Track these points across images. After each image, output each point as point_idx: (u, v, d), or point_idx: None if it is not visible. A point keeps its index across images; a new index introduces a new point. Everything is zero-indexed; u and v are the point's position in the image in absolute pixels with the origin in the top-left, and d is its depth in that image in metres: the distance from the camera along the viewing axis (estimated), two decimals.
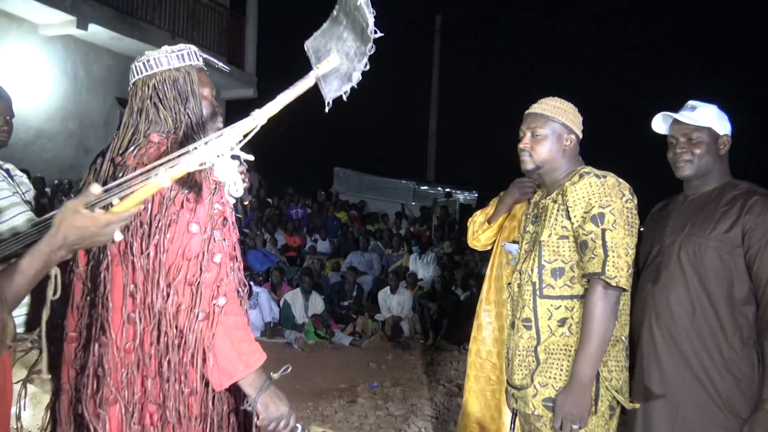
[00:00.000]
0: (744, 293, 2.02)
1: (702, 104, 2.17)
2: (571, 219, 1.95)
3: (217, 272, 1.51)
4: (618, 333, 1.97)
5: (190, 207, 1.51)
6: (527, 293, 2.03)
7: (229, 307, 1.51)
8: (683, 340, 2.06)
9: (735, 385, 2.00)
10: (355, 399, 5.32)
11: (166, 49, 1.70)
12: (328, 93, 1.37)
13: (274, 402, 1.53)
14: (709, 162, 2.14)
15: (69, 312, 1.66)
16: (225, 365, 1.49)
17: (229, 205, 1.63)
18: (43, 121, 9.75)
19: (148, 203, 1.50)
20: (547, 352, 1.98)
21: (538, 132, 2.06)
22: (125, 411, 1.52)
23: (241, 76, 13.08)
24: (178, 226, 1.50)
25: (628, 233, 1.91)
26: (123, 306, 1.52)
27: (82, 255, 1.64)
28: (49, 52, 10.18)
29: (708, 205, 2.12)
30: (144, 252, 1.50)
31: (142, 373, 1.53)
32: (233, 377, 1.49)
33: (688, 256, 2.07)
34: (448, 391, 5.69)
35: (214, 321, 1.48)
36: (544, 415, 1.97)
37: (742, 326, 2.01)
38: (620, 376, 1.99)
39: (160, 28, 11.13)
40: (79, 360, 1.61)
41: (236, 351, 1.49)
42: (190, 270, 1.48)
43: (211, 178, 1.55)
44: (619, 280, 1.86)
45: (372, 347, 7.61)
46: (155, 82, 1.67)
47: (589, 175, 1.96)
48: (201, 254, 1.49)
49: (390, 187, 16.40)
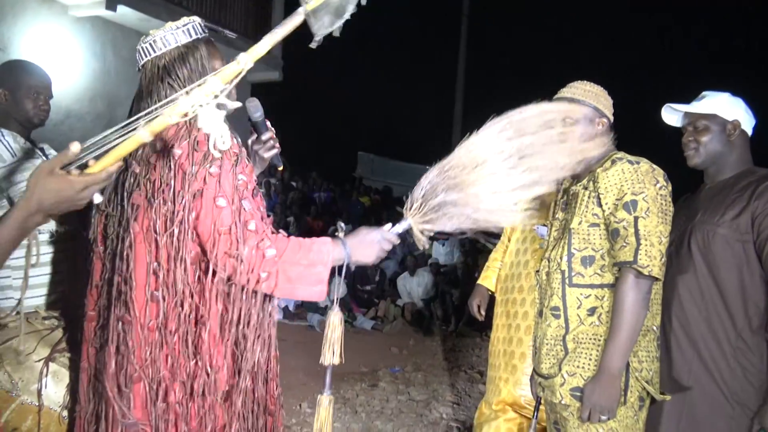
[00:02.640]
0: (754, 281, 1.98)
1: (713, 93, 2.15)
2: (603, 206, 1.90)
3: (253, 237, 1.52)
4: (649, 323, 1.93)
5: (213, 181, 1.50)
6: (556, 281, 2.00)
7: (281, 254, 1.54)
8: (693, 329, 2.04)
9: (744, 376, 1.97)
10: (377, 383, 5.34)
11: (170, 26, 1.65)
12: (318, 29, 1.32)
13: (361, 252, 1.65)
14: (718, 149, 2.11)
15: (88, 291, 1.66)
16: (310, 286, 1.57)
17: (253, 174, 1.61)
18: (72, 101, 9.87)
19: (171, 179, 1.49)
20: (575, 342, 1.95)
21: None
22: (149, 388, 1.52)
23: (266, 58, 13.01)
24: (205, 201, 1.49)
25: (662, 221, 1.86)
26: (147, 284, 1.52)
27: (101, 233, 1.63)
28: (78, 33, 10.28)
29: (721, 193, 2.09)
30: (168, 230, 1.49)
31: (165, 350, 1.53)
32: (322, 281, 1.58)
33: (698, 243, 2.05)
34: (470, 377, 5.69)
35: (276, 277, 1.52)
36: (571, 405, 1.94)
37: (752, 316, 1.98)
38: (651, 366, 1.94)
39: (187, 9, 11.15)
40: (99, 338, 1.61)
41: (307, 272, 1.56)
42: (225, 243, 1.49)
43: (232, 150, 1.53)
44: (652, 270, 1.81)
45: (394, 332, 7.62)
46: (165, 62, 1.63)
47: (621, 161, 1.91)
48: (234, 225, 1.49)
49: (415, 172, 16.25)
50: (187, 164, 1.50)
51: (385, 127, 19.76)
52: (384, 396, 4.99)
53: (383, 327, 7.74)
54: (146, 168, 1.55)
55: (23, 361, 1.86)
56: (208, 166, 1.50)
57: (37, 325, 1.97)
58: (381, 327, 7.73)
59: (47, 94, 2.29)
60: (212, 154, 1.44)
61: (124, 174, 1.59)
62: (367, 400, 4.88)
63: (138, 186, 1.55)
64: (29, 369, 1.86)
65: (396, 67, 20.59)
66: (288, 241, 1.57)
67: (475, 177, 1.62)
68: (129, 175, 1.57)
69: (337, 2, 1.29)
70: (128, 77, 10.96)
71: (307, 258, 1.56)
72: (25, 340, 1.86)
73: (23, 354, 1.86)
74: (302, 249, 1.57)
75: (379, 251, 1.68)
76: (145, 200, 1.53)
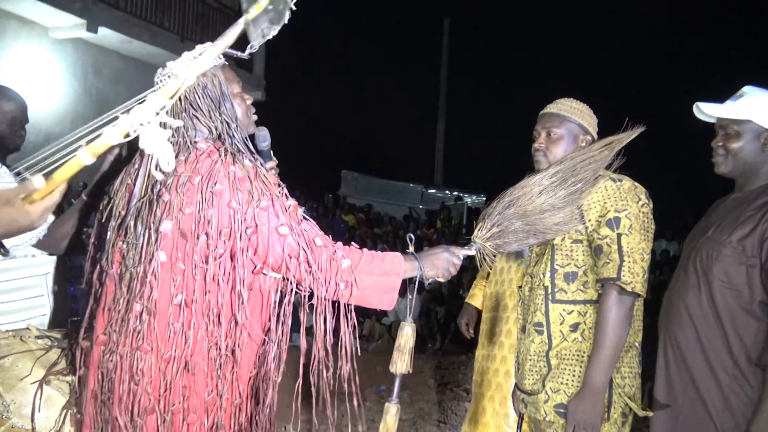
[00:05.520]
0: (754, 308, 1.84)
1: (753, 91, 1.95)
2: (586, 223, 1.92)
3: (325, 251, 1.59)
4: (631, 339, 1.94)
5: (266, 215, 1.53)
6: (539, 297, 2.01)
7: (356, 265, 1.61)
8: (689, 352, 1.94)
9: (736, 407, 1.85)
10: (362, 402, 5.29)
11: (186, 56, 1.62)
12: (256, 37, 1.36)
13: (432, 265, 1.74)
14: (749, 159, 1.93)
15: (100, 313, 1.61)
16: (383, 294, 1.66)
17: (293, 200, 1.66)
18: (52, 124, 9.80)
19: (212, 217, 1.50)
20: (559, 358, 1.95)
21: (554, 132, 2.03)
22: (163, 421, 1.50)
23: (249, 79, 13.10)
24: (265, 235, 1.53)
25: (644, 238, 1.88)
26: (169, 315, 1.50)
27: (118, 256, 1.60)
28: (59, 54, 10.24)
29: (738, 208, 1.94)
30: (210, 263, 1.50)
31: (184, 382, 1.51)
32: (395, 289, 1.67)
33: (702, 262, 1.93)
34: (456, 395, 5.66)
35: (351, 283, 1.59)
36: (555, 422, 1.94)
37: (749, 344, 1.84)
38: (633, 382, 1.96)
39: (169, 31, 11.16)
40: (108, 363, 1.57)
41: (380, 281, 1.64)
42: (299, 264, 1.54)
43: (273, 180, 1.58)
44: (635, 286, 1.83)
45: (379, 351, 7.57)
46: (185, 94, 1.61)
47: (604, 178, 1.94)
48: (302, 248, 1.54)
49: (398, 191, 16.40)
50: (234, 203, 1.51)
51: (369, 145, 19.84)
52: (370, 416, 4.94)
53: (368, 346, 7.69)
54: (180, 199, 1.51)
55: (15, 383, 1.81)
56: (256, 203, 1.52)
57: (31, 345, 1.92)
58: (366, 346, 7.69)
59: (23, 119, 2.28)
60: (258, 191, 1.50)
61: (150, 201, 1.55)
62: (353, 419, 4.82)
63: (169, 216, 1.51)
64: (22, 391, 1.81)
65: (378, 85, 20.74)
66: (362, 253, 1.64)
67: (531, 194, 1.93)
68: (158, 203, 1.53)
69: (274, 11, 1.33)
70: (109, 99, 10.91)
71: (380, 268, 1.65)
72: (19, 360, 1.81)
73: (14, 376, 1.82)
74: (375, 259, 1.65)
75: (451, 268, 1.79)
76: (177, 232, 1.51)
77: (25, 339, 1.92)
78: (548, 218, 1.92)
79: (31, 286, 2.23)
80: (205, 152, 1.56)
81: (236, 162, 1.54)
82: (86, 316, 1.64)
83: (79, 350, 1.64)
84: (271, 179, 1.58)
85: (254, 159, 1.60)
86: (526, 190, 1.94)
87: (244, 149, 1.61)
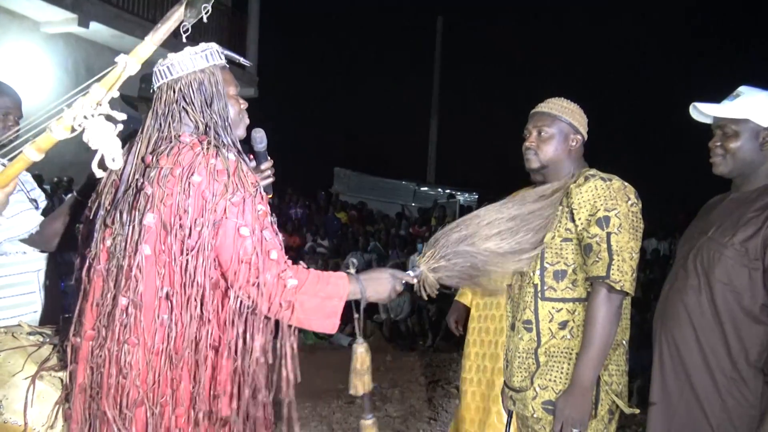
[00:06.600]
0: (755, 311, 1.83)
1: (750, 91, 1.95)
2: (576, 221, 1.93)
3: (276, 267, 1.56)
4: (619, 337, 1.96)
5: (235, 211, 1.53)
6: (528, 295, 2.02)
7: (301, 286, 1.58)
8: (686, 352, 1.94)
9: (733, 410, 1.85)
10: (354, 400, 5.29)
11: (189, 50, 1.66)
12: (189, 18, 1.39)
13: (374, 290, 1.73)
14: (747, 158, 1.92)
15: (88, 308, 1.63)
16: (324, 318, 1.64)
17: (267, 204, 1.65)
18: (43, 120, 9.75)
19: (189, 206, 1.51)
20: (547, 355, 1.97)
21: (545, 131, 2.04)
22: (152, 413, 1.52)
23: (242, 75, 13.07)
24: (227, 231, 1.52)
25: (633, 237, 1.89)
26: (155, 307, 1.52)
27: (105, 251, 1.61)
28: (50, 49, 10.19)
29: (740, 208, 1.92)
30: (184, 255, 1.50)
31: (171, 375, 1.53)
32: (336, 314, 1.66)
33: (702, 263, 1.92)
34: (447, 392, 5.68)
35: (293, 305, 1.57)
36: (543, 418, 1.95)
37: (749, 347, 1.84)
38: (620, 380, 1.97)
39: None
40: (97, 358, 1.59)
41: (323, 305, 1.62)
42: (247, 272, 1.52)
43: (251, 180, 1.58)
44: (624, 284, 1.85)
45: (371, 348, 7.59)
46: (180, 86, 1.64)
47: (594, 177, 1.95)
48: (256, 254, 1.52)
49: (390, 188, 16.41)
50: (207, 193, 1.51)
51: (362, 143, 19.85)
52: (361, 413, 4.96)
53: None
54: (161, 192, 1.53)
55: (7, 379, 1.81)
56: (230, 196, 1.52)
57: (23, 341, 1.92)
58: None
59: (17, 114, 2.26)
60: (233, 185, 1.50)
61: (135, 194, 1.57)
62: (344, 417, 4.84)
63: (151, 208, 1.53)
64: (14, 387, 1.80)
65: (372, 83, 20.75)
66: (308, 273, 1.62)
67: (485, 233, 1.92)
68: (141, 196, 1.55)
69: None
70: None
71: (324, 291, 1.62)
72: (11, 356, 1.81)
73: (6, 372, 1.81)
74: (320, 282, 1.62)
75: (392, 291, 1.77)
76: (160, 224, 1.53)
77: (17, 335, 1.91)
78: (496, 260, 1.92)
79: (23, 283, 2.22)
80: (188, 145, 1.58)
81: (219, 155, 1.55)
82: (76, 313, 1.65)
83: (70, 347, 1.64)
84: (250, 178, 1.58)
85: (238, 154, 1.62)
86: (480, 227, 1.93)
87: (230, 145, 1.64)
